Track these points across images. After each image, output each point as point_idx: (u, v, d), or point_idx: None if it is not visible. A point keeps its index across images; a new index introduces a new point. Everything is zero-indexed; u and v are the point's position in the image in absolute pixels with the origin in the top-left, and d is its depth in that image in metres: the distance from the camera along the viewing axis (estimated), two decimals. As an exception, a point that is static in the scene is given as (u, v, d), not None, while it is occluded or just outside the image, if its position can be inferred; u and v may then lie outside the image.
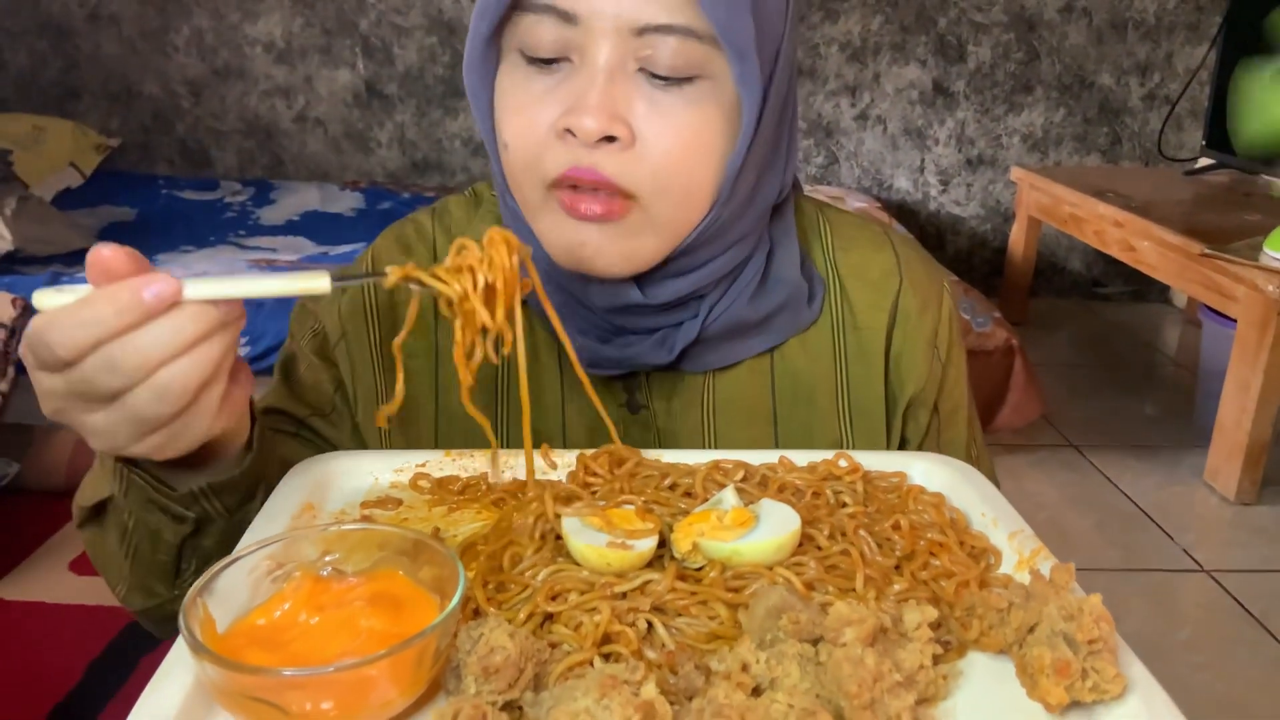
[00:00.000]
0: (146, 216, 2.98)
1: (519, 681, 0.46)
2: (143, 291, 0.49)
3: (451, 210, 0.82)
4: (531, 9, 0.63)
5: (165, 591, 0.67)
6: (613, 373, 0.74)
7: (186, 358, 0.50)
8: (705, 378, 0.76)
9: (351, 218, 3.08)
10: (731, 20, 0.62)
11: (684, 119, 0.64)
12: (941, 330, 0.80)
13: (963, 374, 0.83)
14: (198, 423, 0.53)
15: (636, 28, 0.62)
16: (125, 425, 0.51)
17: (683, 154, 0.64)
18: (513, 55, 0.66)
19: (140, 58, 3.43)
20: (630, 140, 0.63)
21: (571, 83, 0.63)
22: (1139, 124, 3.63)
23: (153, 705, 0.44)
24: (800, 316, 0.76)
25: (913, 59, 3.54)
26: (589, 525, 0.57)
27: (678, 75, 0.63)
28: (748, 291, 0.74)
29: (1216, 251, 2.37)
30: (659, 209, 0.66)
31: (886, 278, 0.79)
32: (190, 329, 0.50)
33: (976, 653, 0.52)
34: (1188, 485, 2.49)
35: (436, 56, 3.47)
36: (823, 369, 0.77)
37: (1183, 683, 1.74)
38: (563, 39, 0.63)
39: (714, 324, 0.73)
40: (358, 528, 0.54)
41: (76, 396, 0.51)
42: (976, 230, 3.76)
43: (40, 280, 2.31)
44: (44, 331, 0.49)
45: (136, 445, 0.53)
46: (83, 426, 0.53)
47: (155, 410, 0.50)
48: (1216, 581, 2.10)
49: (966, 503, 0.66)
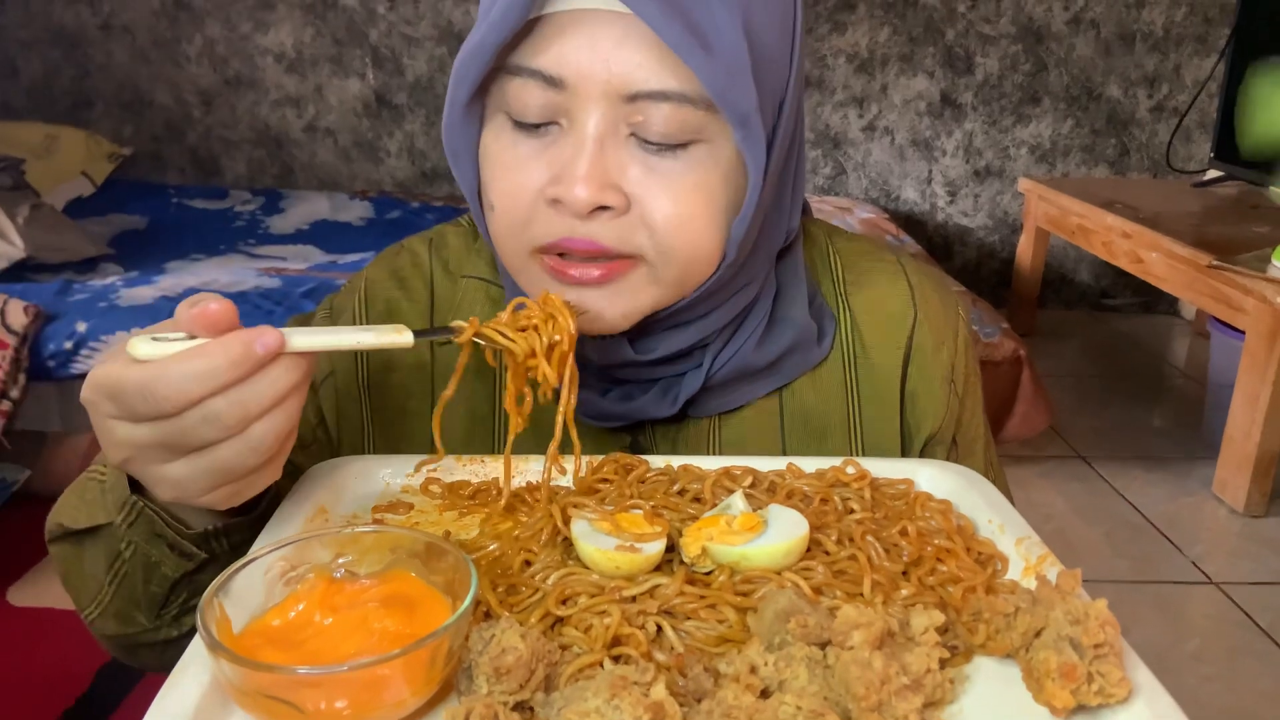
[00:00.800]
0: (157, 225, 3.00)
1: (530, 682, 0.46)
2: (255, 345, 0.49)
3: (449, 241, 0.79)
4: (517, 73, 0.60)
5: (146, 622, 0.65)
6: (615, 425, 0.72)
7: (280, 410, 0.50)
8: (711, 420, 0.74)
9: (361, 227, 3.10)
10: (731, 88, 0.58)
11: (681, 186, 0.61)
12: (958, 364, 0.77)
13: (979, 402, 0.81)
14: (272, 474, 0.53)
15: (627, 94, 0.58)
16: (206, 476, 0.51)
17: (682, 221, 0.61)
18: (498, 117, 0.63)
19: (152, 67, 3.46)
20: (625, 207, 0.61)
21: (560, 147, 0.61)
22: (1147, 135, 3.63)
23: (170, 703, 0.45)
24: (810, 356, 0.74)
25: (920, 70, 3.55)
26: (598, 529, 0.58)
27: (672, 142, 0.60)
28: (754, 338, 0.71)
29: (1225, 263, 2.37)
30: (666, 268, 0.63)
31: (901, 313, 0.76)
32: (284, 381, 0.50)
33: (983, 657, 0.52)
34: (1196, 497, 2.49)
35: (446, 67, 3.49)
36: (834, 407, 0.75)
37: (1191, 694, 1.73)
38: (550, 103, 0.60)
39: (719, 372, 0.71)
40: (371, 530, 0.55)
41: (163, 448, 0.50)
42: (984, 241, 3.76)
43: (52, 288, 2.33)
44: (151, 383, 0.48)
45: (204, 498, 0.52)
46: (157, 476, 0.52)
47: (243, 462, 0.50)
48: (1225, 593, 2.09)
49: (973, 509, 0.66)
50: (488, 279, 0.77)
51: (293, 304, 2.33)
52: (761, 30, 0.60)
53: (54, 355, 2.20)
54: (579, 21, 0.58)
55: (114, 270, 2.53)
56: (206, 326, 0.50)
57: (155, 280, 2.44)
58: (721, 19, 0.58)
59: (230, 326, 0.50)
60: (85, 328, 2.21)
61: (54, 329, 2.21)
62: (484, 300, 0.76)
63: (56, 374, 2.21)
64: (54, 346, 2.20)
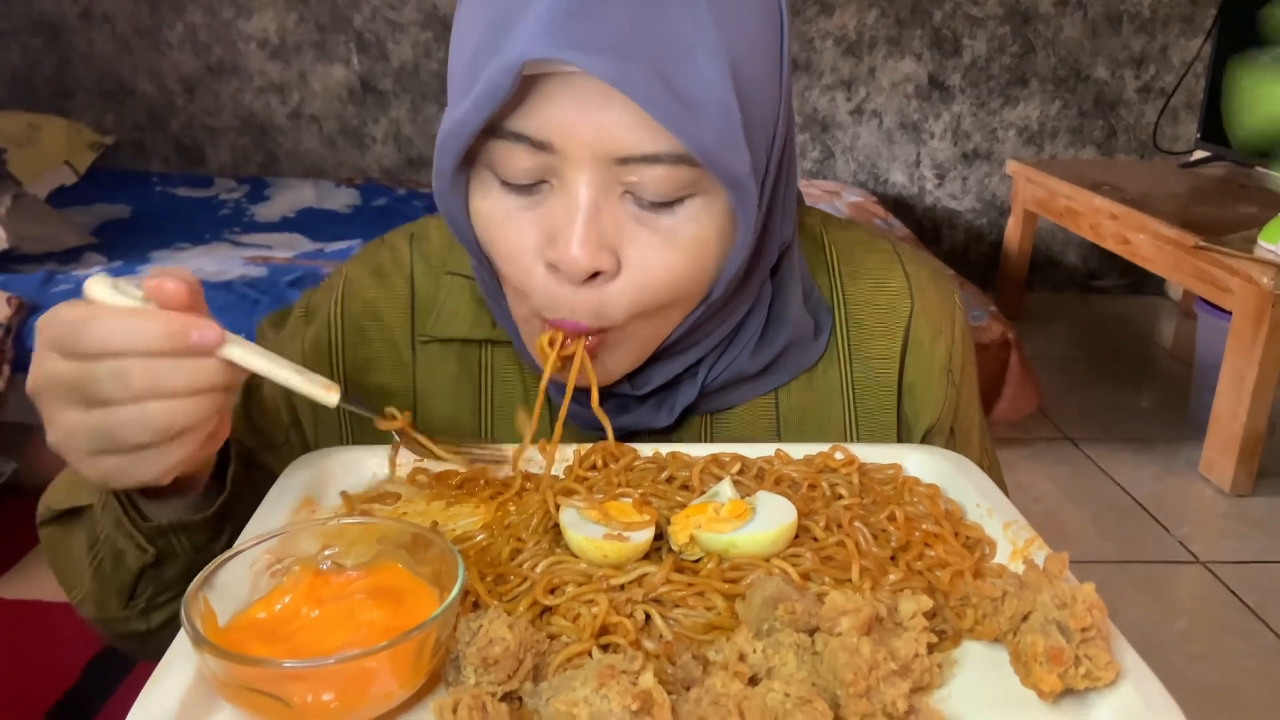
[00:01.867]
0: (141, 214, 2.98)
1: (518, 672, 0.46)
2: (192, 332, 0.51)
3: (432, 235, 0.77)
4: (503, 136, 0.58)
5: (118, 610, 0.66)
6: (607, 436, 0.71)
7: (183, 401, 0.51)
8: (703, 419, 0.74)
9: (347, 214, 3.08)
10: (723, 153, 0.56)
11: (678, 242, 0.60)
12: (955, 354, 0.77)
13: (975, 392, 0.81)
14: (153, 464, 0.52)
15: (618, 158, 0.57)
16: (92, 434, 0.51)
17: (667, 281, 0.61)
18: (485, 175, 0.61)
19: (134, 55, 3.42)
20: (615, 272, 0.60)
21: (552, 206, 0.59)
22: (1134, 117, 3.64)
23: (155, 699, 0.45)
24: (806, 354, 0.73)
25: (908, 53, 3.54)
26: (586, 518, 0.57)
27: (668, 199, 0.59)
28: (750, 347, 0.71)
29: (1211, 244, 2.37)
30: (634, 328, 0.63)
31: (897, 304, 0.76)
32: (202, 378, 0.51)
33: (971, 641, 0.52)
34: (1183, 477, 2.50)
35: (431, 52, 3.47)
36: (830, 404, 0.74)
37: (1178, 674, 1.75)
38: (540, 165, 0.58)
39: (715, 381, 0.71)
40: (357, 521, 0.54)
41: (68, 388, 0.51)
42: (972, 224, 3.77)
43: (35, 279, 2.31)
44: (83, 321, 0.50)
45: (86, 460, 0.52)
46: (50, 417, 0.52)
47: (131, 434, 0.50)
48: (1212, 573, 2.11)
49: (961, 494, 0.66)
50: (473, 276, 0.75)
51: (279, 293, 2.32)
52: (751, 74, 0.58)
53: (38, 347, 2.18)
54: (565, 85, 0.56)
55: (98, 260, 2.51)
56: (160, 299, 0.51)
57: (140, 270, 2.43)
58: (709, 74, 0.56)
59: (182, 307, 0.52)
60: (70, 318, 2.19)
61: (38, 320, 2.19)
62: (468, 299, 0.75)
63: (41, 365, 2.19)
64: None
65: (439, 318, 0.74)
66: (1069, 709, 0.48)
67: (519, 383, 0.74)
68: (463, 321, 0.74)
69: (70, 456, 0.53)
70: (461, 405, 0.74)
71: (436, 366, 0.74)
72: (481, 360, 0.75)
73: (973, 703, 0.48)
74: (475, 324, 0.74)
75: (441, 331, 0.74)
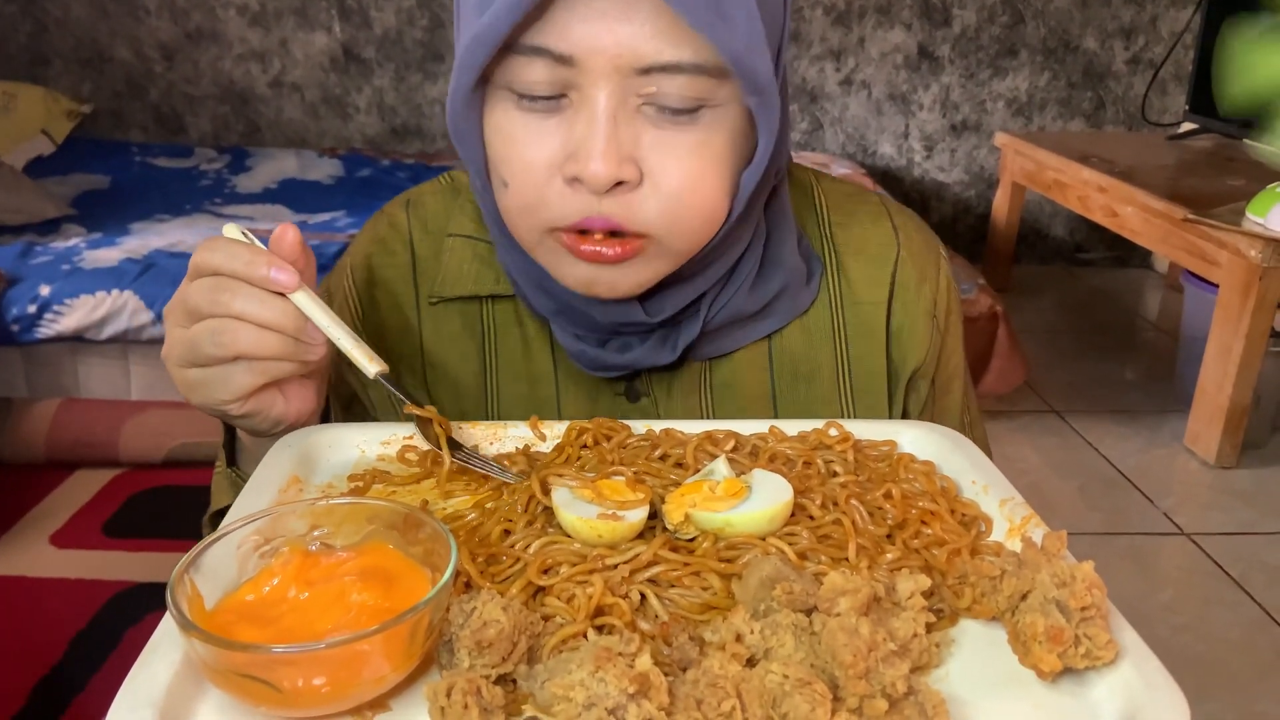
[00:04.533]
0: (120, 184, 2.93)
1: (513, 655, 0.45)
2: (272, 269, 0.59)
3: (427, 202, 0.79)
4: (522, 51, 0.58)
5: None
6: (613, 375, 0.73)
7: (248, 328, 0.59)
8: (703, 365, 0.76)
9: (330, 185, 3.04)
10: (749, 57, 0.58)
11: (694, 153, 0.61)
12: (940, 300, 0.79)
13: (959, 341, 0.82)
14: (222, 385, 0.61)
15: (639, 68, 0.58)
16: (182, 346, 0.61)
17: (693, 188, 0.62)
18: (503, 93, 0.61)
19: (111, 21, 3.35)
20: (638, 180, 0.61)
21: (572, 121, 0.60)
22: (1123, 88, 3.63)
23: (140, 684, 0.43)
24: (799, 299, 0.75)
25: (898, 22, 3.51)
26: (579, 497, 0.57)
27: (686, 108, 0.60)
28: (747, 283, 0.72)
29: (1199, 217, 2.37)
30: (672, 240, 0.63)
31: (884, 251, 0.77)
32: (267, 313, 0.59)
33: (969, 620, 0.52)
34: (1168, 449, 2.52)
35: (415, 19, 3.42)
36: (822, 348, 0.76)
37: (1164, 644, 1.76)
38: (559, 79, 0.59)
39: (715, 318, 0.72)
40: (346, 501, 0.53)
41: (181, 303, 0.60)
42: (960, 196, 3.76)
43: (14, 250, 2.28)
44: (205, 245, 0.60)
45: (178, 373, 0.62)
46: (167, 333, 0.63)
47: (202, 346, 0.59)
48: (1197, 544, 2.13)
49: (957, 470, 0.66)
50: (475, 236, 0.77)
51: (263, 265, 2.29)
52: None
53: (18, 320, 2.15)
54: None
55: (77, 231, 2.48)
56: (276, 244, 0.61)
57: (119, 241, 2.39)
58: None
59: (291, 256, 0.60)
60: (49, 291, 2.16)
61: (17, 293, 2.16)
62: (471, 258, 0.76)
63: (21, 339, 2.16)
64: (17, 311, 2.15)
65: (444, 278, 0.76)
66: (1068, 688, 0.47)
67: (519, 337, 0.76)
68: (466, 280, 0.76)
69: (171, 370, 0.63)
70: (465, 363, 0.76)
71: (441, 327, 0.77)
72: (484, 316, 0.77)
73: (971, 682, 0.48)
74: (478, 281, 0.76)
75: (447, 290, 0.76)
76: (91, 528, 2.05)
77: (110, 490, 2.19)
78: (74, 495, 2.16)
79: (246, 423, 0.64)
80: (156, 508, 2.13)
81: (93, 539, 2.02)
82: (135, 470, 2.25)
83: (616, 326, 0.71)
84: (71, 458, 2.23)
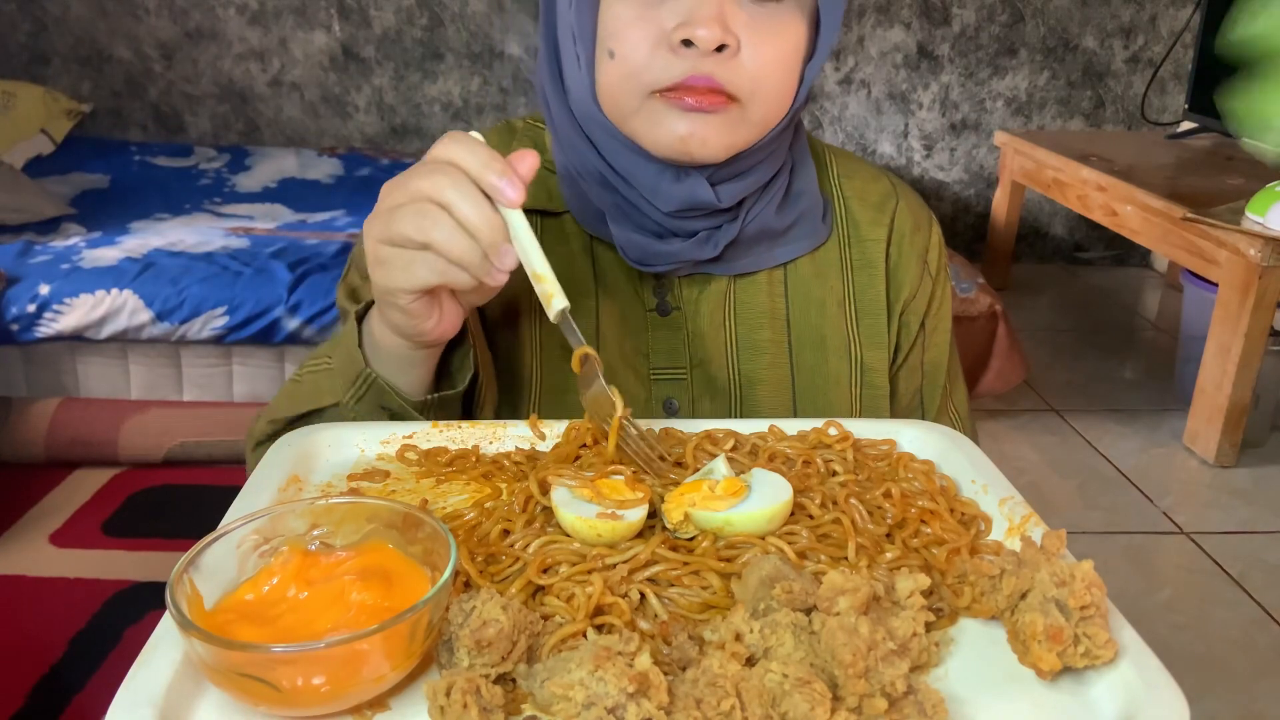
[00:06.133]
0: (120, 183, 2.93)
1: (512, 654, 0.45)
2: (500, 177, 0.60)
3: (488, 138, 0.84)
4: None
5: None
6: (660, 268, 0.79)
7: (448, 221, 0.60)
8: (728, 284, 0.83)
9: (329, 184, 3.04)
10: None
11: (778, 33, 0.71)
12: (932, 251, 0.88)
13: (948, 310, 0.90)
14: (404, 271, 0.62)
15: None
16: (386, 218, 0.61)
17: (776, 64, 0.72)
18: None
19: (110, 20, 3.35)
20: (737, 49, 0.69)
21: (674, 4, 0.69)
22: (1122, 87, 3.62)
23: (140, 683, 0.44)
24: (815, 230, 0.84)
25: (897, 21, 3.51)
26: (578, 496, 0.57)
27: None
28: (775, 201, 0.81)
29: (1199, 216, 2.37)
30: (754, 109, 0.72)
31: (884, 201, 0.87)
32: (474, 214, 0.60)
33: (968, 619, 0.52)
34: (1168, 448, 2.52)
35: (414, 18, 3.41)
36: (831, 281, 0.85)
37: (1163, 643, 1.76)
38: None
39: (749, 226, 0.80)
40: (345, 501, 0.53)
41: (403, 185, 0.61)
42: (960, 195, 3.76)
43: (13, 250, 2.27)
44: (453, 138, 0.62)
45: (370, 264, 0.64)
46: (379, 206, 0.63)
47: (401, 226, 0.60)
48: (1196, 543, 2.13)
49: (956, 470, 0.66)
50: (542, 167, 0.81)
51: (261, 264, 2.29)
52: None
53: (17, 319, 2.15)
54: None
55: (76, 230, 2.47)
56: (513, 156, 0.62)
57: (118, 240, 2.39)
58: None
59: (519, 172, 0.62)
60: (48, 290, 2.16)
61: (16, 292, 2.16)
62: (538, 186, 0.81)
63: (20, 338, 2.16)
64: (17, 310, 2.15)
65: None
66: (1067, 687, 0.47)
67: (565, 253, 0.82)
68: None
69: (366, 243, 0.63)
70: None
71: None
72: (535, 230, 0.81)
73: (971, 682, 0.48)
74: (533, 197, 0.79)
75: None
76: (91, 527, 2.05)
77: (110, 490, 2.19)
78: (73, 494, 2.16)
79: (402, 321, 0.65)
80: (156, 507, 2.13)
81: (92, 538, 2.02)
82: (135, 470, 2.25)
83: (672, 219, 0.76)
84: (71, 457, 2.23)
